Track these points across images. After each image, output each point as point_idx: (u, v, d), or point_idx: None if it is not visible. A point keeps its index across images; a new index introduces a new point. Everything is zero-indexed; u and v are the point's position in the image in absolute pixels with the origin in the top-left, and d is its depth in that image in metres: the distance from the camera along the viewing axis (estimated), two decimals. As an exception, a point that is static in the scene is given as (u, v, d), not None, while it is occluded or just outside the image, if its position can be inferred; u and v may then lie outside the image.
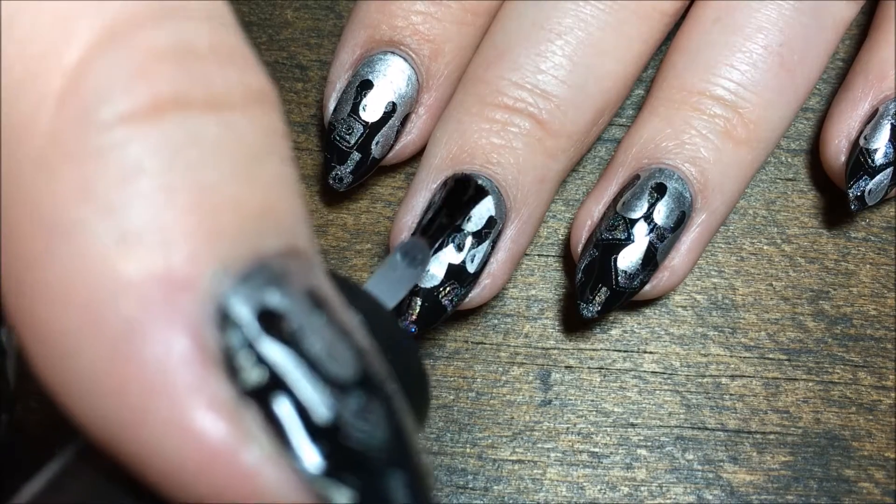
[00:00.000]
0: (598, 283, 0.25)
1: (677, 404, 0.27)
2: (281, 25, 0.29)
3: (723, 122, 0.25)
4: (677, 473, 0.26)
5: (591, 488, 0.26)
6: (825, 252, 0.28)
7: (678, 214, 0.25)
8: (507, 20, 0.26)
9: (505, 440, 0.26)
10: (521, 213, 0.25)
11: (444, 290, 0.24)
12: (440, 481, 0.26)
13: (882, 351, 0.27)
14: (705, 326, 0.27)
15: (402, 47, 0.26)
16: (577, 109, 0.25)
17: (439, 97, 0.26)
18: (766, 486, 0.26)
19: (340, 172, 0.26)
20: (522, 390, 0.27)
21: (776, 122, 0.26)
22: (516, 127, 0.25)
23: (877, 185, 0.26)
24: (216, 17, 0.13)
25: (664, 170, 0.25)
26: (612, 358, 0.27)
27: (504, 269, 0.25)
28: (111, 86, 0.12)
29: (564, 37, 0.25)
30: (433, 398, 0.27)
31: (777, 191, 0.29)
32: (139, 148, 0.12)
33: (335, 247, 0.28)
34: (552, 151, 0.25)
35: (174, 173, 0.12)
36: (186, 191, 0.12)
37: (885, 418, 0.27)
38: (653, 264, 0.25)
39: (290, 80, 0.29)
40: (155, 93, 0.12)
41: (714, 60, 0.26)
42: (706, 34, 0.26)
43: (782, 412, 0.27)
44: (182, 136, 0.12)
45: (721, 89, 0.26)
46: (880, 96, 0.27)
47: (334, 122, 0.26)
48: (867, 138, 0.27)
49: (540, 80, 0.25)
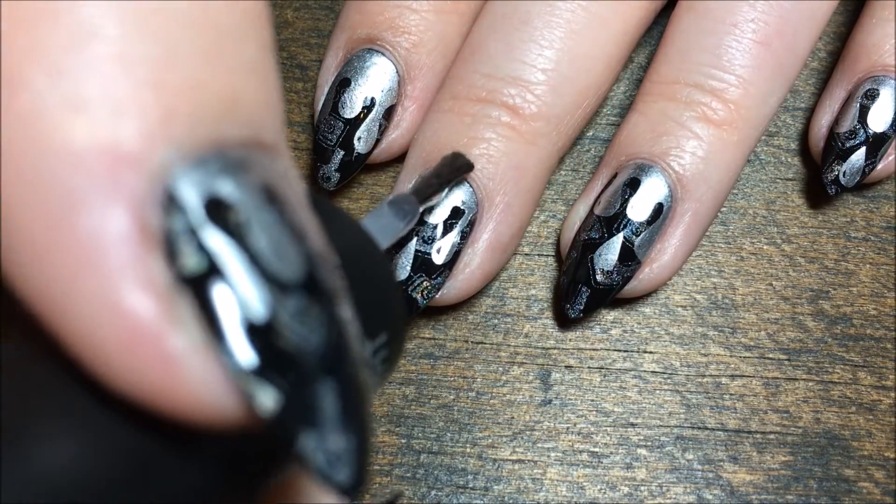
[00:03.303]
0: (578, 283, 0.25)
1: (677, 404, 0.27)
2: (281, 25, 0.29)
3: (701, 107, 0.25)
4: (677, 473, 0.26)
5: (591, 488, 0.26)
6: (825, 252, 0.28)
7: (654, 207, 0.25)
8: (481, 18, 0.26)
9: (505, 440, 0.26)
10: (497, 202, 0.25)
11: (414, 284, 0.24)
12: (440, 481, 0.26)
13: (882, 351, 0.27)
14: (705, 326, 0.27)
15: (380, 42, 0.26)
16: (553, 92, 0.25)
17: (425, 87, 0.26)
18: (766, 486, 0.26)
19: (326, 171, 0.26)
20: (522, 390, 0.27)
21: (759, 99, 0.25)
22: (489, 118, 0.25)
23: (851, 167, 0.26)
24: None
25: (640, 164, 0.25)
26: (612, 358, 0.27)
27: (482, 259, 0.25)
28: None
29: (533, 23, 0.25)
30: (433, 398, 0.27)
31: (777, 191, 0.29)
32: (96, 9, 0.11)
33: (335, 247, 0.28)
34: (530, 137, 0.25)
35: (134, 42, 0.11)
36: (145, 63, 0.11)
37: (885, 418, 0.27)
38: (632, 260, 0.25)
39: (290, 80, 0.29)
40: None
41: (686, 47, 0.26)
42: (679, 23, 0.26)
43: (782, 412, 0.27)
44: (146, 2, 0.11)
45: (696, 75, 0.25)
46: (853, 79, 0.27)
47: (318, 123, 0.26)
48: (839, 122, 0.27)
49: (512, 68, 0.25)
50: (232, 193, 0.11)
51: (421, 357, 0.27)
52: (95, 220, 0.11)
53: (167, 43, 0.11)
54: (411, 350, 0.27)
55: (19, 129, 0.11)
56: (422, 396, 0.27)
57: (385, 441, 0.26)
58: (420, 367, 0.27)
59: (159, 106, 0.11)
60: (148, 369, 0.11)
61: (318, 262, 0.12)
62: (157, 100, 0.11)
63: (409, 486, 0.26)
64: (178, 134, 0.11)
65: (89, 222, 0.11)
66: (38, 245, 0.11)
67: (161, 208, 0.11)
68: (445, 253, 0.24)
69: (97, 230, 0.11)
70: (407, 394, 0.27)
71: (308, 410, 0.11)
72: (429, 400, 0.27)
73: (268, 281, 0.11)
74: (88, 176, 0.11)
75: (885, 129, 0.26)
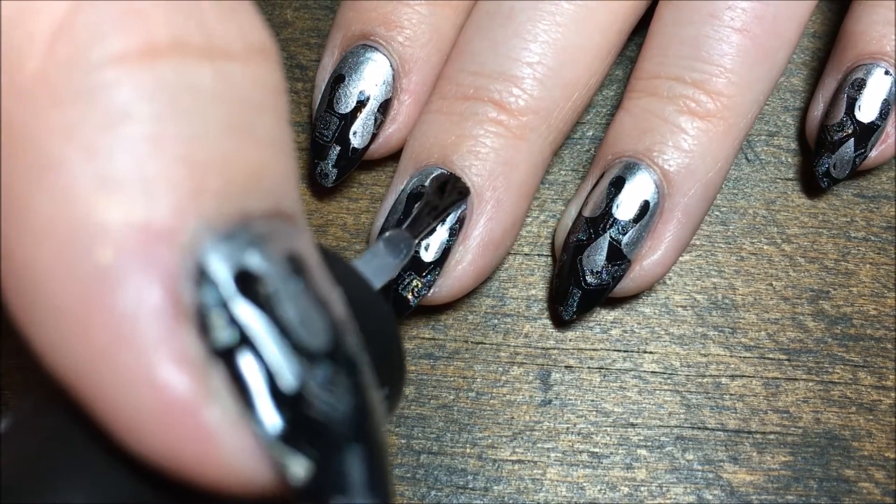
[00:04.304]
0: (569, 285, 0.25)
1: (677, 404, 0.27)
2: (281, 25, 0.29)
3: (684, 101, 0.25)
4: (677, 473, 0.26)
5: (591, 488, 0.26)
6: (825, 252, 0.28)
7: (640, 205, 0.25)
8: (468, 18, 0.26)
9: (505, 440, 0.26)
10: (487, 198, 0.25)
11: (404, 283, 0.24)
12: (440, 481, 0.26)
13: (882, 351, 0.27)
14: (705, 326, 0.27)
15: (374, 38, 0.26)
16: (540, 85, 0.25)
17: (420, 81, 0.26)
18: (766, 486, 0.26)
19: (324, 168, 0.26)
20: (522, 390, 0.27)
21: (743, 86, 0.25)
22: (476, 115, 0.25)
23: (841, 159, 0.27)
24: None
25: (626, 163, 0.25)
26: (612, 358, 0.27)
27: (477, 256, 0.25)
28: (105, 25, 0.11)
29: (518, 18, 0.25)
30: (433, 398, 0.27)
31: (777, 191, 0.29)
32: (129, 91, 0.11)
33: (335, 247, 0.28)
34: (518, 131, 0.25)
35: (163, 121, 0.11)
36: (175, 141, 0.11)
37: (885, 418, 0.27)
38: (621, 259, 0.25)
39: (290, 80, 0.29)
40: (150, 35, 0.12)
41: (666, 41, 0.26)
42: (659, 18, 0.26)
43: (782, 412, 0.27)
44: (175, 82, 0.12)
45: (676, 68, 0.25)
46: (843, 69, 0.27)
47: (315, 120, 0.26)
48: (829, 114, 0.27)
49: (497, 64, 0.25)
50: (260, 266, 0.12)
51: (421, 357, 0.27)
52: (130, 295, 0.11)
53: (196, 120, 0.12)
54: (411, 350, 0.27)
55: (55, 206, 0.11)
56: (422, 396, 0.27)
57: (385, 441, 0.26)
58: (420, 368, 0.27)
59: (190, 182, 0.11)
60: (184, 441, 0.11)
61: (342, 330, 0.12)
62: (188, 176, 0.11)
63: (409, 486, 0.26)
64: (207, 209, 0.12)
65: (125, 298, 0.11)
66: (73, 321, 0.11)
67: (193, 282, 0.11)
68: (434, 250, 0.24)
69: (132, 305, 0.11)
70: (407, 394, 0.27)
71: (338, 477, 0.12)
72: (429, 400, 0.27)
73: (297, 351, 0.12)
74: (123, 252, 0.11)
75: (874, 119, 0.26)
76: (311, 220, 0.28)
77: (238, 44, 0.12)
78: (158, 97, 0.11)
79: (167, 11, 0.12)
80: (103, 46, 0.11)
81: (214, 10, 0.12)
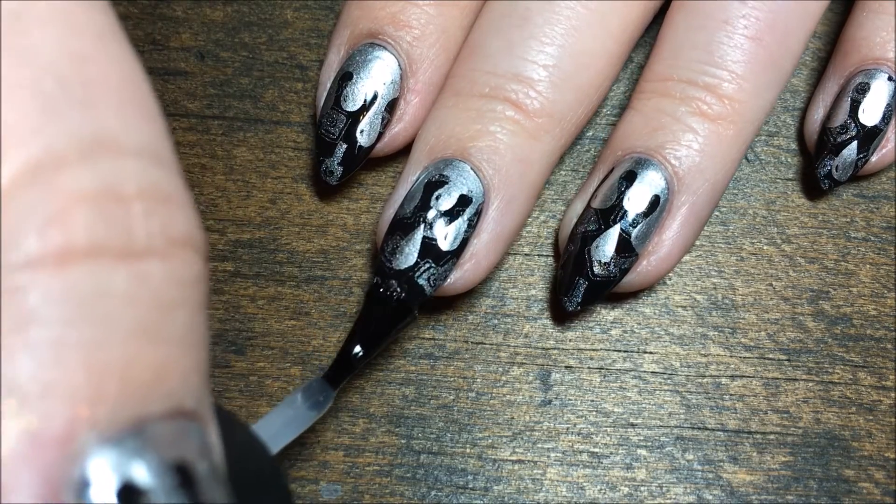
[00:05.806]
0: (575, 276, 0.25)
1: (677, 404, 0.27)
2: (281, 25, 0.29)
3: (695, 102, 0.25)
4: (677, 473, 0.26)
5: (591, 488, 0.26)
6: (825, 252, 0.28)
7: (651, 199, 0.25)
8: (480, 18, 0.26)
9: (505, 440, 0.26)
10: (502, 193, 0.25)
11: (420, 270, 0.24)
12: (440, 481, 0.26)
13: (882, 351, 0.27)
14: (705, 326, 0.27)
15: (381, 37, 0.26)
16: (555, 89, 0.25)
17: (427, 81, 0.26)
18: (766, 486, 0.26)
19: (329, 165, 0.26)
20: (522, 390, 0.27)
21: (753, 93, 0.25)
22: (493, 112, 0.25)
23: (843, 161, 0.27)
24: (151, 153, 0.13)
25: (637, 158, 0.25)
26: (612, 358, 0.27)
27: (488, 250, 0.25)
28: (24, 228, 0.11)
29: (534, 20, 0.25)
30: (433, 398, 0.27)
31: (777, 191, 0.29)
32: (38, 296, 0.11)
33: (335, 247, 0.28)
34: (533, 132, 0.25)
35: (69, 326, 0.11)
36: (77, 347, 0.11)
37: (885, 418, 0.27)
38: (629, 252, 0.25)
39: (291, 80, 0.29)
40: (68, 239, 0.11)
41: (679, 45, 0.26)
42: (671, 21, 0.26)
43: (782, 412, 0.27)
44: (87, 287, 0.12)
45: (689, 71, 0.25)
46: (845, 73, 0.27)
47: (321, 118, 0.26)
48: (831, 117, 0.27)
49: (513, 65, 0.25)
50: (145, 479, 0.12)
51: (421, 357, 0.27)
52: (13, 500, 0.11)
53: (102, 325, 0.12)
54: (411, 350, 0.27)
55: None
56: (422, 397, 0.27)
57: (385, 441, 0.26)
58: (420, 368, 0.27)
59: (87, 389, 0.11)
60: None
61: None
62: (85, 383, 0.11)
63: (409, 486, 0.26)
64: (100, 417, 0.11)
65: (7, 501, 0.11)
66: None
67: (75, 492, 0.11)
68: (451, 239, 0.24)
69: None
70: (407, 394, 0.27)
71: None
72: (429, 400, 0.27)
73: None
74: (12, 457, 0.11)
75: (877, 123, 0.26)
76: (311, 220, 0.28)
77: (159, 240, 0.12)
78: (67, 302, 0.11)
79: (91, 213, 0.12)
80: (20, 250, 0.11)
81: (139, 207, 0.12)
